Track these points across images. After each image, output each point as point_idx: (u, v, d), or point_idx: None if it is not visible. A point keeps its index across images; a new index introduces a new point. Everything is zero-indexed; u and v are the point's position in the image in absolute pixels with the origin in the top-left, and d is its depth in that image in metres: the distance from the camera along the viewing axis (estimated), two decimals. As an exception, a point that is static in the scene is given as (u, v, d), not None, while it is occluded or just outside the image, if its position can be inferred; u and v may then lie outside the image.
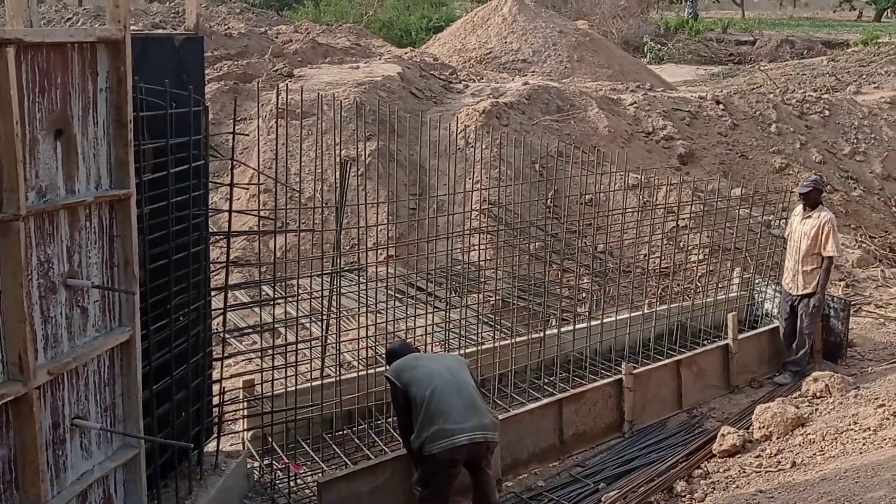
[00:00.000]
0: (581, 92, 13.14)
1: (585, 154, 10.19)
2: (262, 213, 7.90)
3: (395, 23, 31.36)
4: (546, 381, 6.61)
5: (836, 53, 31.27)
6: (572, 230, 9.30)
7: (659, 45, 33.61)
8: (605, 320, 7.04)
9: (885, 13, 58.55)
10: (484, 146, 10.28)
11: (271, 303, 6.44)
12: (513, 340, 6.63)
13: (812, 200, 7.17)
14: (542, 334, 6.82)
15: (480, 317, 7.31)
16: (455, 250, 7.70)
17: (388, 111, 9.94)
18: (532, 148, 10.38)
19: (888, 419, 4.99)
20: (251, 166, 7.51)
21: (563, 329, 7.00)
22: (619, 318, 7.17)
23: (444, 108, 11.89)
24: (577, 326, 7.11)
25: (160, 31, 13.74)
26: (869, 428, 4.97)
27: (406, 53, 15.46)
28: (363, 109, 9.67)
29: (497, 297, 7.98)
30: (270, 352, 5.49)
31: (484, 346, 6.59)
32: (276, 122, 8.76)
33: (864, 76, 24.53)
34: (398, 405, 4.57)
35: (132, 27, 3.58)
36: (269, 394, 5.33)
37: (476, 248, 8.03)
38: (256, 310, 6.19)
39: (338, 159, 6.37)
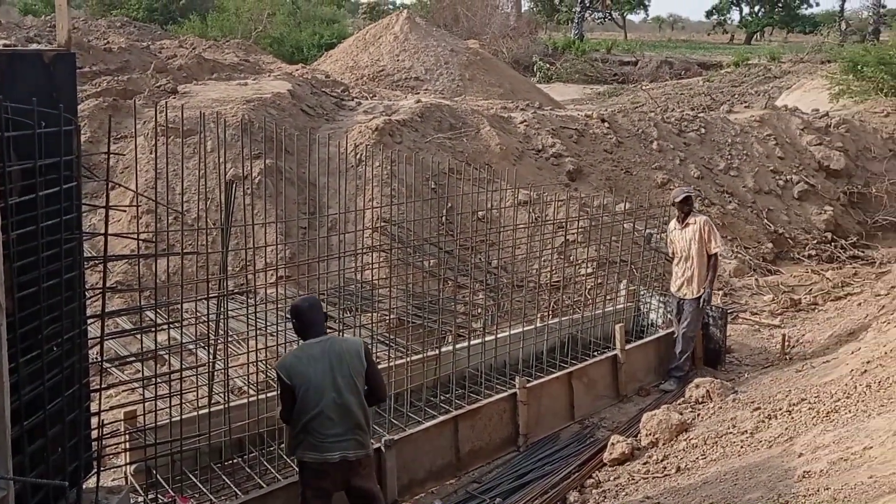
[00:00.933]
0: (473, 110, 13.34)
1: (478, 171, 10.33)
2: (143, 236, 7.59)
3: (285, 39, 31.00)
4: (442, 398, 6.61)
5: (711, 74, 33.19)
6: (466, 246, 9.40)
7: (547, 65, 34.66)
8: (499, 335, 7.12)
9: (755, 36, 62.67)
10: (377, 164, 10.25)
11: (154, 329, 6.15)
12: (408, 359, 6.60)
13: (688, 208, 7.58)
14: (437, 351, 6.83)
15: (375, 336, 7.24)
16: (349, 269, 7.62)
17: (278, 129, 9.77)
18: (425, 165, 10.44)
19: (763, 421, 5.27)
20: (128, 187, 7.19)
21: (458, 345, 7.03)
22: (512, 332, 7.27)
23: (336, 125, 11.79)
24: (473, 342, 7.17)
25: (34, 45, 13.03)
26: (746, 431, 5.22)
27: (297, 70, 15.29)
28: (251, 127, 9.46)
29: (392, 316, 7.94)
30: (154, 380, 5.24)
31: (379, 366, 6.52)
32: (156, 140, 8.46)
33: (736, 96, 26.12)
34: (284, 400, 4.41)
35: (3, 41, 3.36)
36: (153, 425, 5.08)
37: (370, 266, 7.98)
38: (140, 337, 5.90)
39: (224, 178, 6.18)
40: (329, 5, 40.45)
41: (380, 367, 6.44)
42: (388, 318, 7.94)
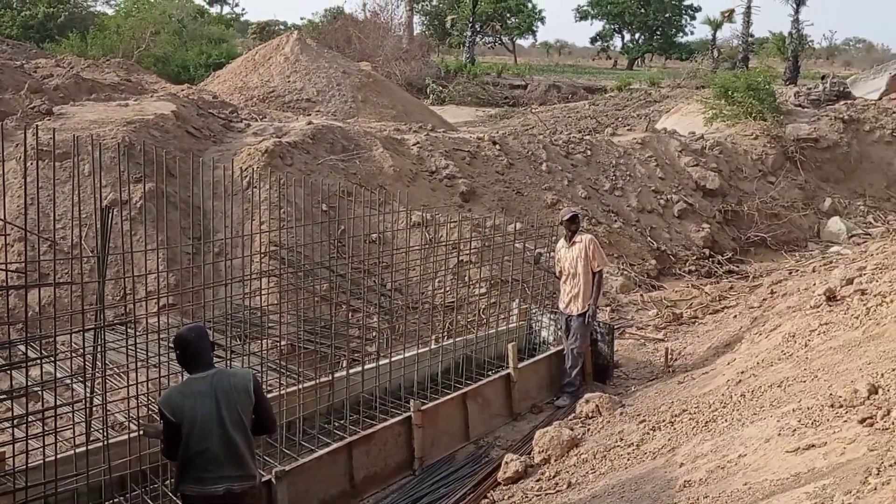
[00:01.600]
0: (366, 132, 13.32)
1: (371, 193, 10.31)
2: (14, 266, 7.15)
3: (171, 58, 30.08)
4: (336, 424, 6.50)
5: (596, 98, 34.47)
6: (360, 269, 9.32)
7: (440, 87, 35.11)
8: (393, 358, 7.09)
9: (636, 62, 65.70)
10: (267, 186, 10.06)
11: (26, 364, 5.77)
12: (300, 386, 6.47)
13: (576, 226, 7.82)
14: (330, 377, 6.72)
15: (266, 363, 7.06)
16: (238, 296, 7.41)
17: (162, 151, 9.43)
18: (317, 188, 10.32)
19: (648, 433, 5.45)
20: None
21: (352, 370, 6.95)
22: (407, 355, 7.26)
23: (224, 147, 11.51)
24: (367, 367, 7.09)
25: None
26: (633, 443, 5.38)
27: (183, 91, 14.84)
28: (132, 150, 9.09)
29: (284, 342, 7.77)
30: (25, 419, 4.91)
31: (270, 395, 6.35)
32: (26, 163, 8.01)
33: (619, 119, 27.22)
34: (168, 438, 4.19)
35: None
36: (24, 466, 4.76)
37: (261, 292, 7.79)
38: (10, 373, 5.52)
39: (101, 203, 5.90)
40: (217, 24, 39.64)
41: (271, 395, 6.29)
42: (279, 344, 7.76)
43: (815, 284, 8.45)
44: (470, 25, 49.83)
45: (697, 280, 12.68)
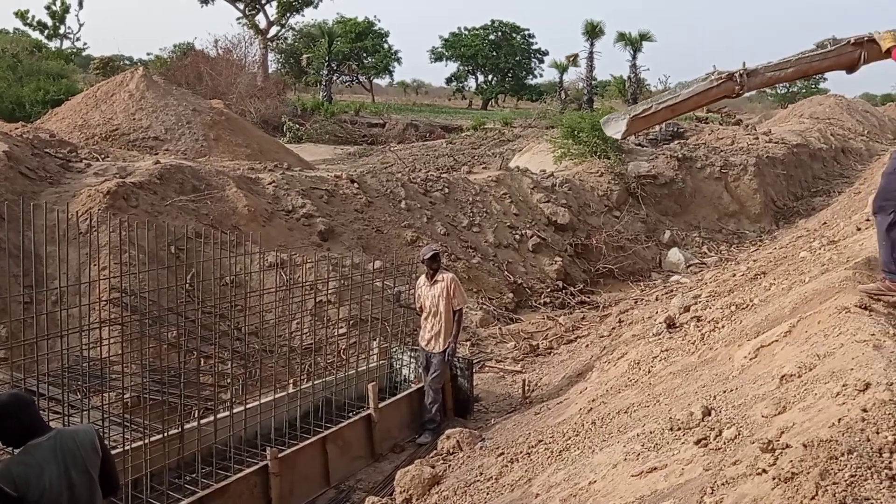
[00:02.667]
0: (218, 171, 12.94)
1: (225, 234, 9.99)
2: None
3: (4, 94, 28.09)
4: (188, 479, 6.15)
5: (453, 137, 35.36)
6: (213, 314, 8.97)
7: (297, 125, 34.81)
8: (249, 406, 6.82)
9: (490, 102, 68.06)
10: (111, 230, 9.52)
11: None
12: (147, 440, 6.09)
13: (437, 265, 7.91)
14: (180, 429, 6.37)
15: (108, 417, 6.60)
16: (77, 347, 6.91)
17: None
18: (166, 230, 9.88)
19: (506, 466, 5.53)
20: None
21: (204, 420, 6.62)
22: (263, 401, 7.01)
23: (62, 189, 10.81)
24: (220, 416, 6.78)
25: None
26: (492, 477, 5.45)
27: (16, 129, 13.83)
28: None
29: (129, 394, 7.31)
30: None
31: (114, 451, 5.94)
32: None
33: (475, 157, 28.02)
34: None
35: None
36: None
37: (103, 342, 7.30)
38: None
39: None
40: (56, 59, 37.46)
41: (114, 451, 5.89)
42: (123, 396, 7.29)
43: (657, 313, 8.98)
44: (326, 64, 49.94)
45: (552, 311, 13.14)
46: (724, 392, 4.31)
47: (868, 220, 9.67)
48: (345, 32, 58.11)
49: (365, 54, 61.26)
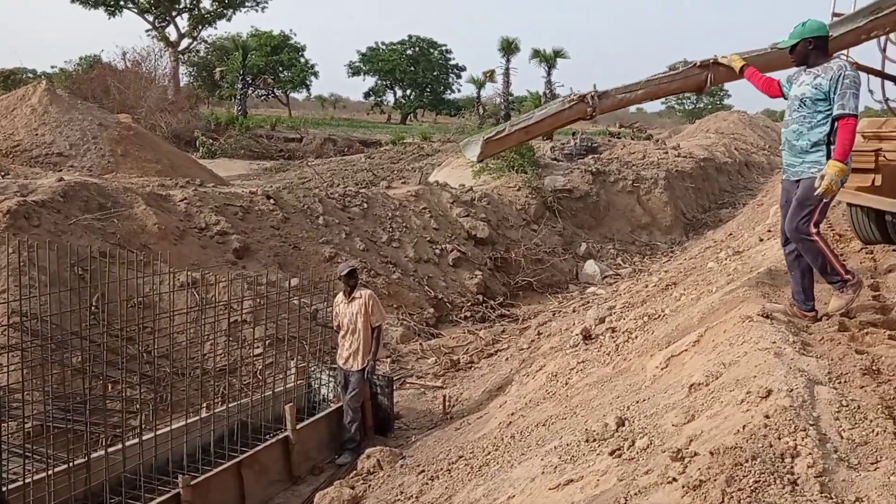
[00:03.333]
0: (126, 188, 12.47)
1: (133, 254, 9.63)
2: None
3: None
4: (94, 511, 5.87)
5: (372, 151, 35.26)
6: (121, 336, 8.62)
7: (211, 140, 34.02)
8: (159, 432, 6.57)
9: (409, 117, 68.28)
10: (10, 251, 9.04)
11: None
12: (50, 471, 5.77)
13: (354, 281, 7.83)
14: (86, 458, 6.07)
15: (8, 449, 6.23)
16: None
17: None
18: (69, 250, 9.45)
19: (427, 483, 5.49)
20: None
21: (112, 448, 6.33)
22: (174, 426, 6.76)
23: (-45, 208, 10.20)
24: (129, 443, 6.51)
25: None
26: (412, 495, 5.40)
27: None
28: None
29: (31, 423, 6.92)
30: None
31: (14, 484, 5.62)
32: None
33: (395, 172, 28.00)
34: None
35: None
36: None
37: (4, 368, 6.92)
38: None
39: None
40: (-48, 71, 35.58)
41: (14, 485, 5.58)
42: (25, 425, 6.90)
43: (574, 324, 9.13)
44: (241, 78, 49.09)
45: (473, 325, 13.20)
46: (638, 402, 4.40)
47: (770, 230, 10.13)
48: (259, 46, 57.29)
49: (281, 68, 60.52)
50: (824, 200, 4.62)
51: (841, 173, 4.49)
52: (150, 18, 50.75)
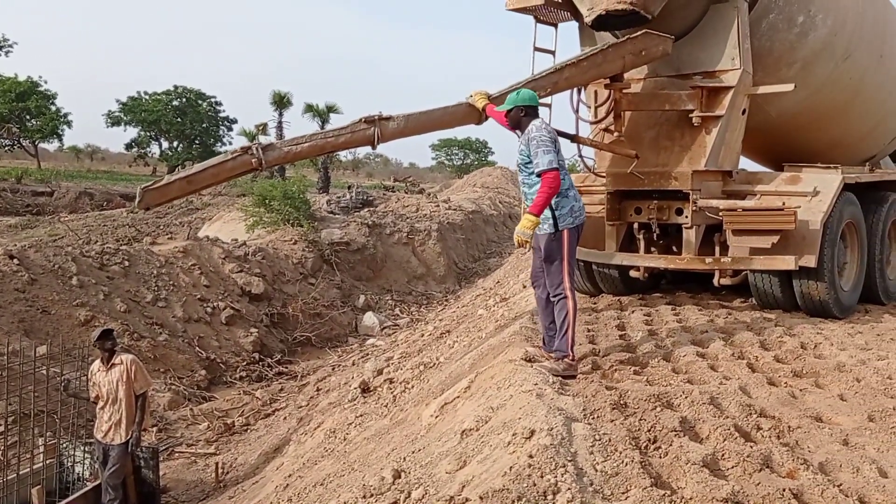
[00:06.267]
0: None
1: None
2: None
3: None
4: None
5: (134, 206, 33.07)
6: None
7: (-59, 194, 30.13)
8: None
9: (176, 169, 65.16)
10: None
11: None
12: None
13: (111, 344, 7.20)
14: None
15: None
16: None
17: None
18: None
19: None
20: None
21: None
22: None
23: None
24: None
25: None
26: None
27: None
28: None
29: None
30: None
31: None
32: None
33: (161, 227, 26.51)
34: None
35: None
36: None
37: None
38: None
39: None
40: None
41: None
42: None
43: (352, 378, 9.11)
44: (-22, 126, 44.17)
45: (249, 385, 12.69)
46: (413, 452, 4.45)
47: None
48: (3, 92, 52.01)
49: (28, 116, 55.27)
50: (566, 252, 4.87)
51: (530, 225, 4.69)
52: None
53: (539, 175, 4.76)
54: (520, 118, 5.06)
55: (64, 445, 7.72)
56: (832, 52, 7.23)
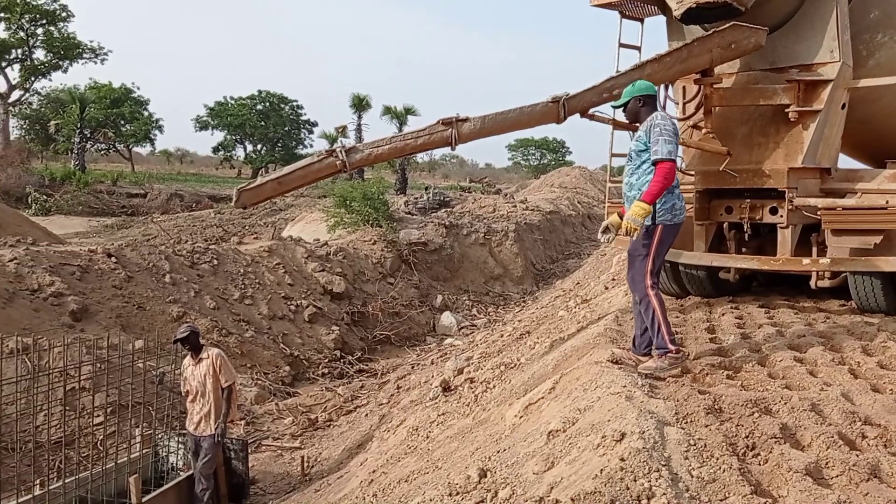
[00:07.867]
0: (-56, 248, 11.39)
1: (-48, 320, 8.74)
2: None
3: None
4: None
5: (222, 206, 34.24)
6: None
7: (45, 197, 31.87)
8: (-18, 517, 5.91)
9: (260, 171, 67.03)
10: None
11: None
12: None
13: (194, 342, 7.45)
14: None
15: None
16: None
17: None
18: None
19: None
20: None
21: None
22: (1, 509, 6.11)
23: None
24: (-56, 533, 5.81)
25: None
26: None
27: None
28: None
29: None
30: None
31: None
32: None
33: (246, 227, 27.32)
34: None
35: None
36: None
37: None
38: None
39: None
40: None
41: None
42: None
43: (433, 376, 9.15)
44: (78, 131, 46.43)
45: (331, 382, 12.92)
46: (498, 452, 4.43)
47: (614, 279, 10.69)
48: (99, 98, 54.52)
49: (123, 121, 57.84)
50: (654, 248, 4.75)
51: (641, 213, 4.55)
52: (-24, 69, 47.26)
53: (655, 164, 4.62)
54: (638, 109, 4.91)
55: (159, 436, 8.03)
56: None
